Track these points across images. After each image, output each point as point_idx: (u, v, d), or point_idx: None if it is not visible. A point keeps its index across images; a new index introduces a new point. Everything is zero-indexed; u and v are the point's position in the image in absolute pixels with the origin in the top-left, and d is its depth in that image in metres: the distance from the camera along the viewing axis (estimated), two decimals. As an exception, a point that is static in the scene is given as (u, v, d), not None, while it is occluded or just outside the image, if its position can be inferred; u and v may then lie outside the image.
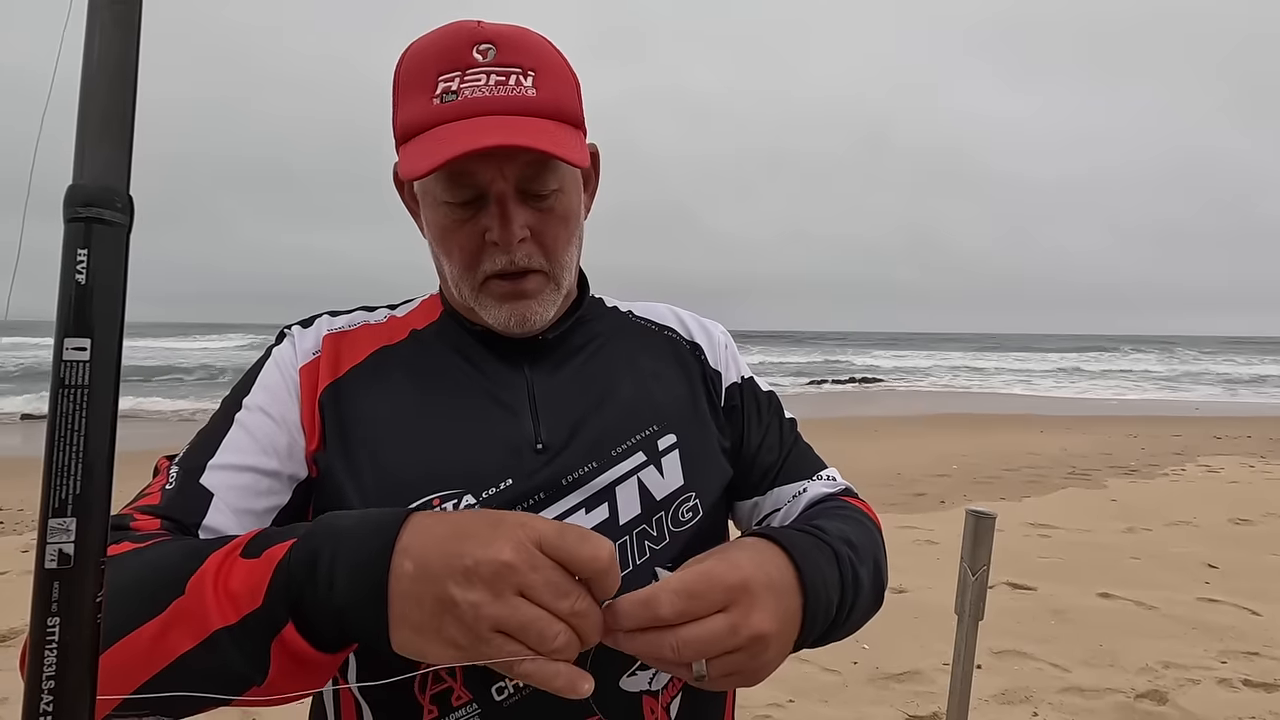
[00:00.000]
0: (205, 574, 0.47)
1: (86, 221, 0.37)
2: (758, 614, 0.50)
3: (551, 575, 0.44)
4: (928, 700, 2.64)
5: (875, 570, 0.66)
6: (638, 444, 0.70)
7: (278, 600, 0.45)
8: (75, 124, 0.38)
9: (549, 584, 0.44)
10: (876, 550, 0.69)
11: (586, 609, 0.45)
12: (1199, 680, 2.79)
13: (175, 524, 0.58)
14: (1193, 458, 7.78)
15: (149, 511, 0.58)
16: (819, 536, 0.62)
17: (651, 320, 0.83)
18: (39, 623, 0.34)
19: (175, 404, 12.99)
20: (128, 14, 0.40)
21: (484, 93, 0.62)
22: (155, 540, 0.53)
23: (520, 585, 0.44)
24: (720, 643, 0.49)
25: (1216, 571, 4.04)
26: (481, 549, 0.44)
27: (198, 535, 0.58)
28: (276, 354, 0.70)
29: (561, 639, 0.44)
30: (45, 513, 0.34)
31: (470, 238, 0.66)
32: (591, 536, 0.46)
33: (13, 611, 3.33)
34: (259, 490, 0.63)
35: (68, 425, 0.35)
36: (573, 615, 0.45)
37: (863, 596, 0.63)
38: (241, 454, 0.63)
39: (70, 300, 0.36)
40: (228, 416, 0.66)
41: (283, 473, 0.64)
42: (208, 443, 0.64)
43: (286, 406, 0.66)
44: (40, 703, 0.32)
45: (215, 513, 0.60)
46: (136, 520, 0.57)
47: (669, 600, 0.47)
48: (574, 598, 0.45)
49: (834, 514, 0.70)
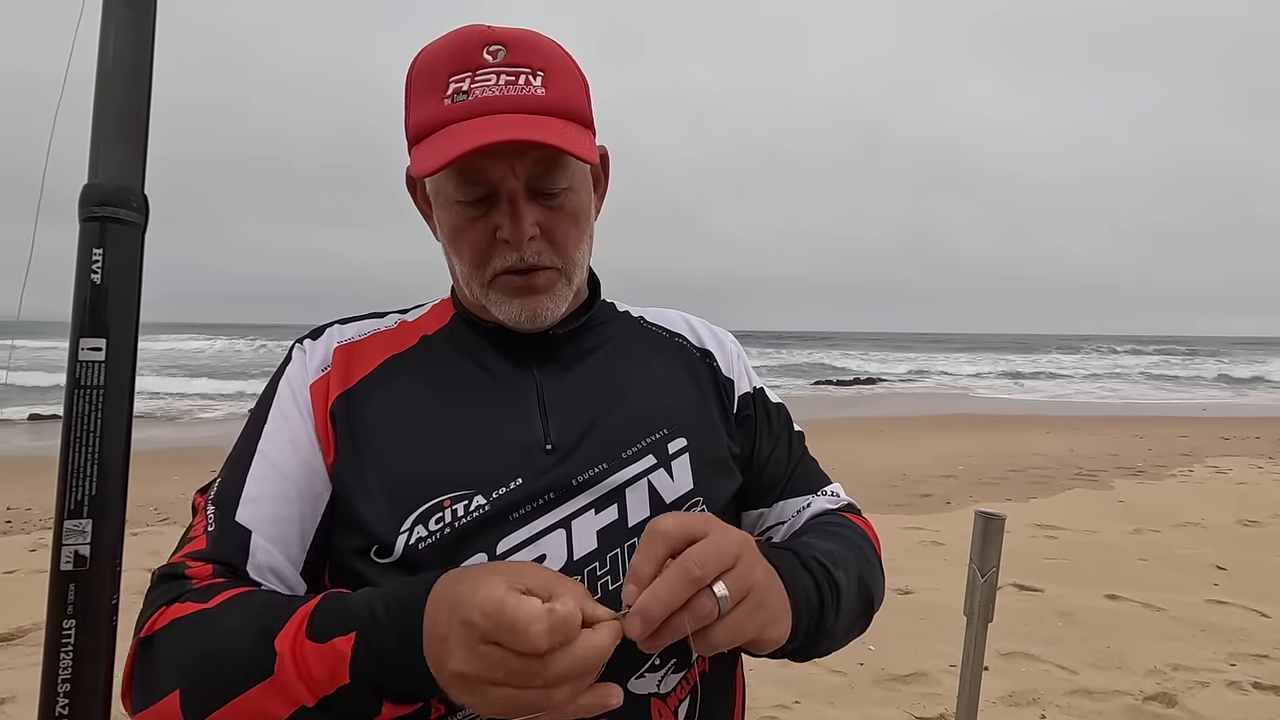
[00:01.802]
0: (283, 659, 0.51)
1: (102, 221, 0.37)
2: (755, 572, 0.52)
3: (510, 666, 0.44)
4: (934, 702, 2.62)
5: (860, 591, 0.67)
6: (648, 446, 0.70)
7: (361, 683, 0.50)
8: (90, 125, 0.38)
9: (510, 675, 0.45)
10: (867, 570, 0.69)
11: (559, 674, 0.45)
12: (1208, 683, 2.77)
13: (224, 566, 0.61)
14: (1200, 458, 7.73)
15: (199, 558, 0.61)
16: (805, 556, 0.63)
17: (663, 326, 0.83)
18: (54, 626, 0.33)
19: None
20: (142, 17, 0.40)
21: (494, 92, 0.63)
22: (218, 599, 0.56)
23: (489, 682, 0.45)
24: (723, 559, 0.49)
25: (1225, 573, 4.02)
26: (446, 660, 0.47)
27: (246, 573, 0.61)
28: (288, 374, 0.71)
29: (552, 698, 0.45)
30: (61, 514, 0.34)
31: (481, 235, 0.66)
32: (516, 608, 0.44)
33: (20, 610, 3.34)
34: (289, 517, 0.64)
35: (83, 426, 0.35)
36: (552, 685, 0.45)
37: (844, 614, 0.64)
38: (267, 484, 0.64)
39: (85, 300, 0.36)
40: (250, 446, 0.67)
41: (309, 495, 0.65)
42: (236, 476, 0.65)
43: (302, 428, 0.67)
44: (56, 706, 0.32)
45: (256, 549, 0.62)
46: (190, 568, 0.60)
47: (689, 569, 0.48)
48: (541, 675, 0.44)
49: (830, 532, 0.71)
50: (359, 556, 0.63)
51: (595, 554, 0.64)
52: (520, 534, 0.63)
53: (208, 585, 0.59)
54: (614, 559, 0.64)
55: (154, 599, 0.58)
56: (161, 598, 0.58)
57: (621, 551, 0.65)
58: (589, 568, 0.63)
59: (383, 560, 0.62)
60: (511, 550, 0.63)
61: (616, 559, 0.64)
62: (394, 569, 0.62)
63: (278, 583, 0.63)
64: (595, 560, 0.64)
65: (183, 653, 0.53)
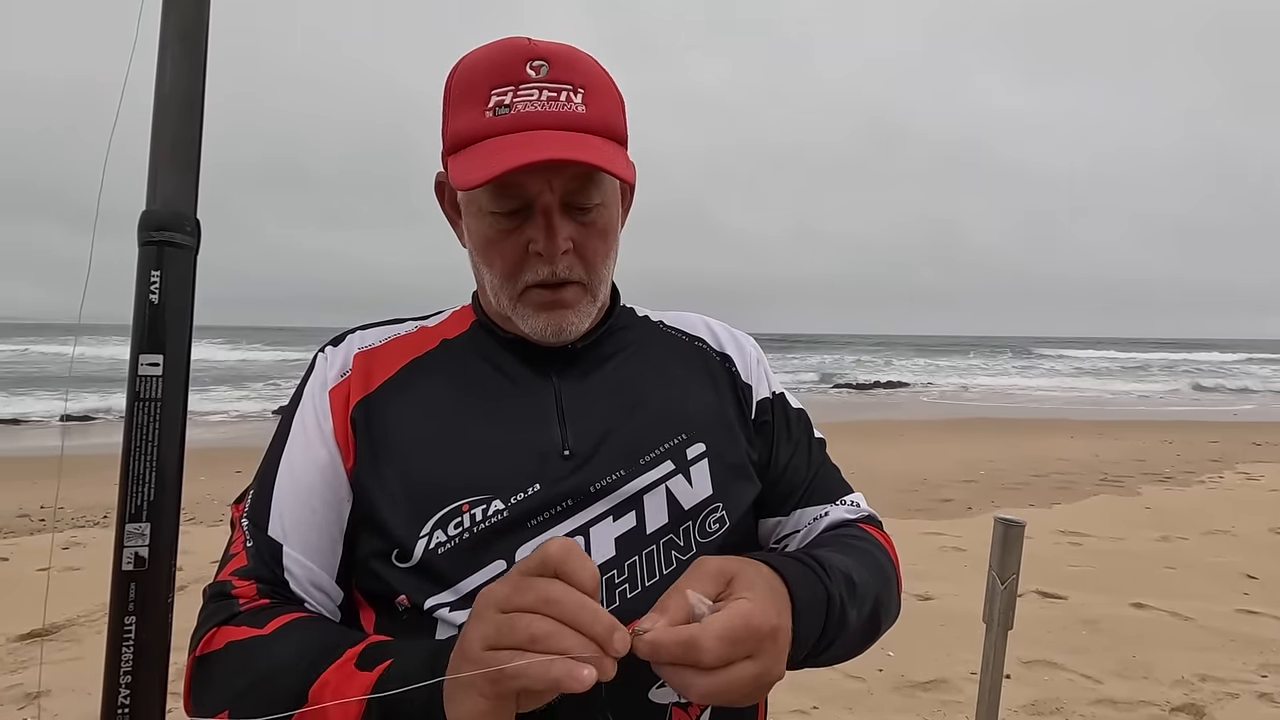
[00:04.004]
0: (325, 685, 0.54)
1: (159, 245, 0.40)
2: (780, 665, 0.52)
3: (519, 581, 0.48)
4: (954, 710, 2.60)
5: (872, 611, 0.66)
6: (666, 452, 0.70)
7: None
8: (148, 150, 0.41)
9: (542, 600, 0.47)
10: (881, 587, 0.68)
11: (587, 617, 0.46)
12: (1237, 694, 2.71)
13: (266, 583, 0.64)
14: (1231, 465, 7.56)
15: (243, 575, 0.64)
16: (821, 574, 0.61)
17: (682, 330, 0.83)
18: (116, 622, 0.36)
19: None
20: (195, 49, 0.42)
21: (536, 107, 0.63)
22: (272, 626, 0.59)
23: (515, 608, 0.47)
24: (743, 690, 0.50)
25: (1256, 582, 3.92)
26: (478, 599, 0.50)
27: (286, 586, 0.65)
28: (310, 382, 0.73)
29: (538, 625, 0.45)
30: (122, 518, 0.36)
31: (514, 248, 0.67)
32: (542, 545, 0.49)
33: (54, 607, 3.43)
34: (318, 526, 0.66)
35: (142, 436, 0.38)
36: (541, 602, 0.46)
37: (845, 638, 0.63)
38: (294, 497, 0.67)
39: (144, 319, 0.39)
40: (275, 458, 0.69)
41: (333, 503, 0.67)
42: (264, 490, 0.68)
43: (321, 437, 0.69)
44: (118, 697, 0.35)
45: (290, 560, 0.65)
46: (237, 587, 0.63)
47: (713, 648, 0.48)
48: (537, 586, 0.47)
49: (847, 545, 0.69)
50: (379, 559, 0.64)
51: (613, 561, 0.64)
52: (538, 540, 0.63)
53: (257, 607, 0.62)
54: (632, 566, 0.64)
55: (206, 618, 0.62)
56: (213, 617, 0.61)
57: (639, 559, 0.65)
58: (607, 575, 0.63)
59: (402, 564, 0.63)
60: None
61: (635, 566, 0.64)
62: (413, 573, 0.63)
63: (318, 593, 0.65)
64: (614, 567, 0.64)
65: (234, 676, 0.57)
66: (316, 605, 0.65)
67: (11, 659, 2.96)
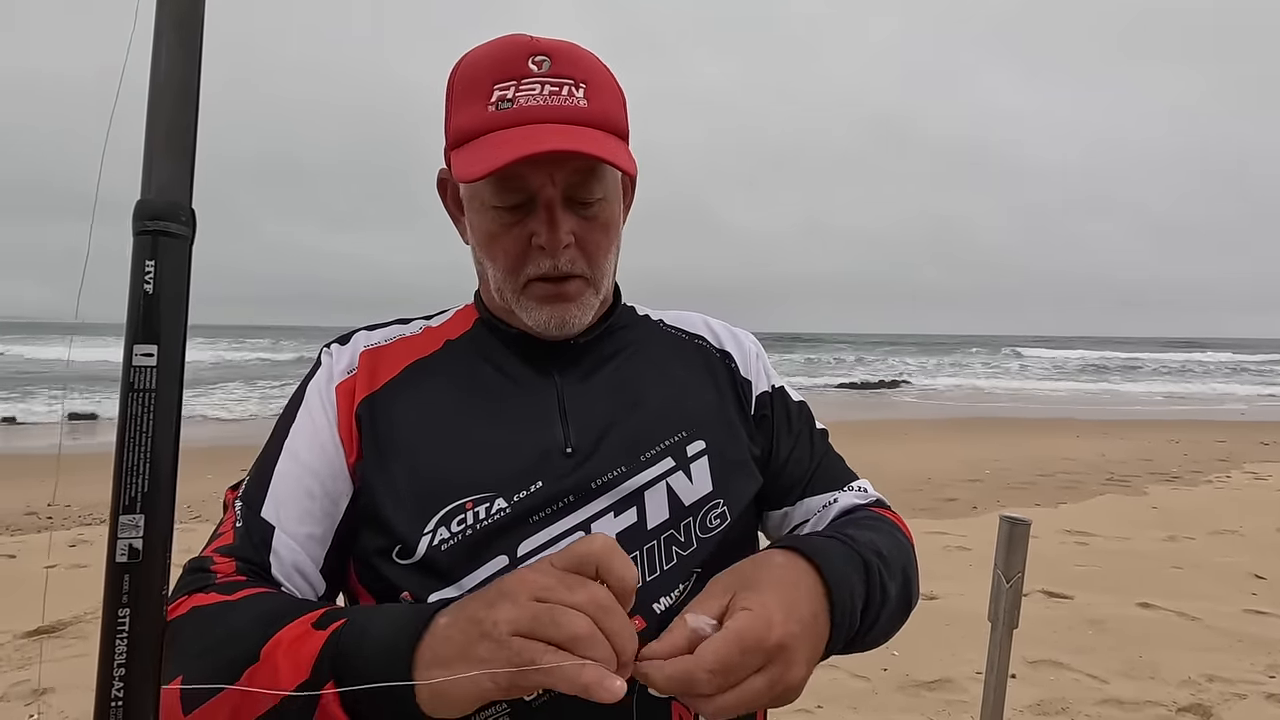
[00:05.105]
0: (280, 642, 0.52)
1: (154, 234, 0.39)
2: (794, 670, 0.52)
3: (564, 576, 0.48)
4: (959, 709, 2.59)
5: (904, 582, 0.67)
6: (667, 449, 0.70)
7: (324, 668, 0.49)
8: (142, 139, 0.41)
9: (562, 581, 0.47)
10: (906, 562, 0.69)
11: (604, 598, 0.47)
12: (1245, 695, 2.69)
13: (249, 564, 0.63)
14: (1238, 464, 7.51)
15: (226, 553, 0.64)
16: (849, 545, 0.62)
17: (683, 329, 0.84)
18: (110, 614, 0.36)
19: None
20: (190, 38, 0.42)
21: (538, 101, 0.64)
22: (240, 594, 0.58)
23: (535, 591, 0.47)
24: (755, 703, 0.50)
25: (1264, 582, 3.90)
26: (509, 580, 0.49)
27: (269, 567, 0.64)
28: (316, 378, 0.73)
29: (580, 625, 0.45)
30: (116, 510, 0.36)
31: (516, 241, 0.68)
32: (584, 540, 0.50)
33: (60, 604, 3.45)
34: (313, 514, 0.66)
35: (136, 427, 0.38)
36: (590, 604, 0.46)
37: (889, 607, 0.63)
38: (291, 482, 0.66)
39: (139, 309, 0.38)
40: (277, 445, 0.69)
41: (331, 494, 0.67)
42: (262, 474, 0.68)
43: (327, 429, 0.69)
44: (112, 689, 0.34)
45: (279, 544, 0.64)
46: (216, 563, 0.62)
47: (707, 679, 0.48)
48: (589, 587, 0.47)
49: (865, 524, 0.70)
50: (381, 556, 0.64)
51: None
52: (540, 536, 0.64)
53: (231, 580, 0.61)
54: (633, 562, 0.65)
55: (179, 588, 0.61)
56: (186, 587, 0.60)
57: (640, 554, 0.65)
58: None
59: (404, 561, 0.63)
60: (532, 553, 0.64)
61: (636, 561, 0.65)
62: (416, 570, 0.63)
63: (300, 580, 0.65)
64: None
65: (192, 640, 0.54)
66: (295, 591, 0.65)
67: (18, 655, 2.98)
